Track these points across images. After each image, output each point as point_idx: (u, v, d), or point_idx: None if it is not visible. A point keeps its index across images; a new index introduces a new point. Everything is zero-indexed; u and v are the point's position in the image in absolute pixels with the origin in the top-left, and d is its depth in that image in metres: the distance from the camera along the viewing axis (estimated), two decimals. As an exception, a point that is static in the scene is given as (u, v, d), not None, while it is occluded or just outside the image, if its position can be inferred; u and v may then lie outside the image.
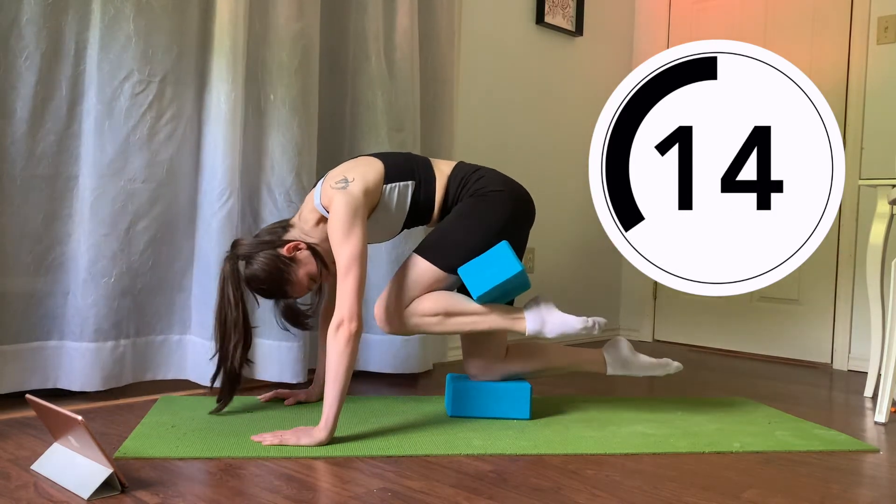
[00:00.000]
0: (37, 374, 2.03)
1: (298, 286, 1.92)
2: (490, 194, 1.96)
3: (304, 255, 1.91)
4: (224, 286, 1.88)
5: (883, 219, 2.58)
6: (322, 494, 1.43)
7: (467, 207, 1.96)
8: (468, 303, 1.93)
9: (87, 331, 2.03)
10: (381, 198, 1.93)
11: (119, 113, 2.03)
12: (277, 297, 1.95)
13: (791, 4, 3.41)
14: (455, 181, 2.00)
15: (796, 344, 3.37)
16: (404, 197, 1.96)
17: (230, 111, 2.17)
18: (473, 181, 1.99)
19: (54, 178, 2.02)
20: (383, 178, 1.93)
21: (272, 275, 1.88)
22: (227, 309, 1.87)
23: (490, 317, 1.93)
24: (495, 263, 1.88)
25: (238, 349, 1.88)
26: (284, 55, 2.28)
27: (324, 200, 1.89)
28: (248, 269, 1.88)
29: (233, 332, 1.88)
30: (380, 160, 1.97)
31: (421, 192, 1.98)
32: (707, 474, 1.63)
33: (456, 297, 1.95)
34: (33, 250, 2.00)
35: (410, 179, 1.97)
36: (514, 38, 3.29)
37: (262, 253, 1.88)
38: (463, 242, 1.92)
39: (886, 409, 2.17)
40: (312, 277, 1.93)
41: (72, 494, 1.37)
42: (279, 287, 1.90)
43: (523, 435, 1.88)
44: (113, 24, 2.01)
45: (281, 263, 1.88)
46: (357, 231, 1.81)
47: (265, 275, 1.88)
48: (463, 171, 2.02)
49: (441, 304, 1.92)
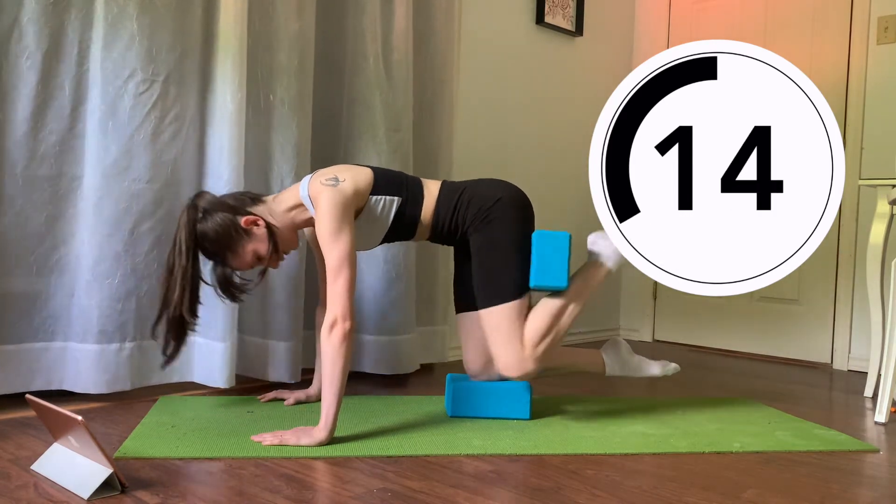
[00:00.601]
0: (41, 376, 2.02)
1: (241, 259, 1.90)
2: (491, 209, 1.98)
3: (260, 232, 1.90)
4: (178, 234, 1.86)
5: (883, 219, 2.58)
6: (322, 494, 1.43)
7: (482, 238, 1.98)
8: (556, 298, 1.98)
9: (90, 333, 2.02)
10: (365, 206, 1.93)
11: (123, 113, 2.02)
12: (216, 262, 1.91)
13: (791, 4, 3.41)
14: (445, 205, 2.00)
15: (796, 344, 3.37)
16: (388, 211, 1.96)
17: (236, 112, 2.16)
18: (466, 203, 1.99)
19: (58, 178, 2.01)
20: (371, 188, 1.93)
21: (220, 238, 1.86)
22: (178, 257, 1.84)
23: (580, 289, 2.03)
24: (548, 250, 1.95)
25: (184, 298, 1.84)
26: (283, 55, 2.28)
27: (311, 192, 1.89)
28: (200, 224, 1.86)
29: (178, 281, 1.83)
30: (370, 170, 1.97)
31: (406, 210, 1.98)
32: (707, 474, 1.63)
33: (543, 303, 1.99)
34: (36, 251, 2.00)
35: (398, 195, 1.97)
36: (514, 38, 3.29)
37: (221, 214, 1.87)
38: (505, 267, 1.96)
39: (886, 409, 2.17)
40: (259, 256, 1.91)
41: (72, 494, 1.37)
42: (222, 253, 1.88)
43: (523, 435, 1.88)
44: (116, 22, 2.00)
45: (234, 231, 1.87)
46: (346, 230, 1.82)
47: (214, 235, 1.86)
48: (450, 193, 2.02)
49: (544, 318, 1.96)
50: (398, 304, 2.53)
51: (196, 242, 1.86)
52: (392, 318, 2.53)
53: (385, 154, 2.49)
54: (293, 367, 2.32)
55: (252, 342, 2.31)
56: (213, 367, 2.17)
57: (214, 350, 2.17)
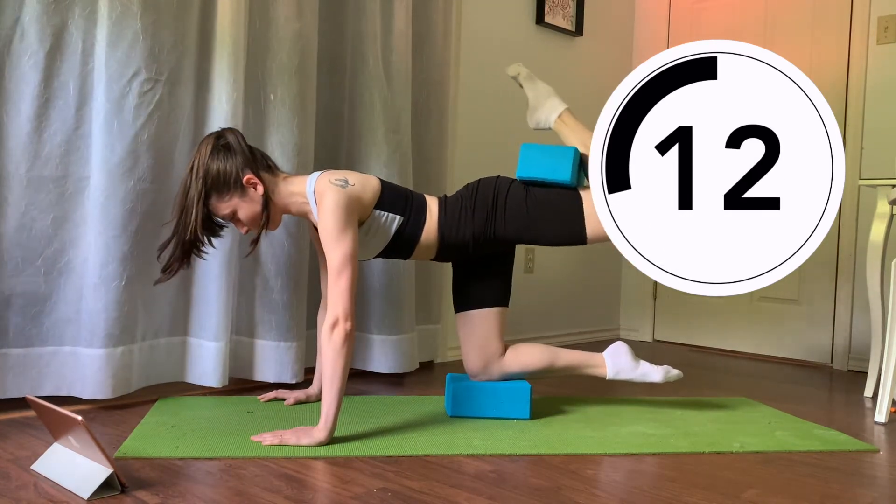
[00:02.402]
0: (50, 381, 2.00)
1: (220, 205, 1.89)
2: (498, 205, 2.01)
3: (255, 195, 1.89)
4: (196, 158, 1.86)
5: (883, 219, 2.58)
6: (322, 494, 1.44)
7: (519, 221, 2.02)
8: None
9: (97, 336, 2.00)
10: (368, 219, 1.93)
11: (128, 112, 2.00)
12: (199, 194, 1.87)
13: (791, 4, 3.41)
14: (450, 222, 2.01)
15: (796, 344, 3.37)
16: (389, 228, 1.96)
17: (231, 111, 2.16)
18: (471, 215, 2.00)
19: (63, 179, 2.00)
20: (377, 201, 1.94)
21: (217, 179, 1.85)
22: (195, 180, 1.84)
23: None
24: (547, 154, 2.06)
25: (198, 222, 1.84)
26: (284, 55, 2.28)
27: (318, 188, 1.88)
28: (211, 154, 1.86)
29: (195, 203, 1.84)
30: (380, 183, 1.98)
31: (406, 230, 1.98)
32: (707, 474, 1.63)
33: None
34: (44, 253, 1.98)
35: (400, 214, 1.97)
36: (514, 38, 3.29)
37: (234, 159, 1.87)
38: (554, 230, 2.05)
39: (886, 409, 2.17)
40: (236, 216, 1.91)
41: (72, 494, 1.37)
42: (208, 191, 1.86)
43: (523, 435, 1.88)
44: (120, 20, 1.99)
45: (230, 180, 1.86)
46: (350, 232, 1.82)
47: (215, 171, 1.85)
48: (452, 210, 2.02)
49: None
50: (399, 304, 2.53)
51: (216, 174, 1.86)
52: (392, 318, 2.53)
53: (385, 155, 2.49)
54: (295, 368, 2.31)
55: (253, 343, 2.31)
56: (206, 367, 2.17)
57: (208, 350, 2.17)
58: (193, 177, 1.86)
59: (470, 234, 2.01)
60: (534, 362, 2.10)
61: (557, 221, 2.01)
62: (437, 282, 2.79)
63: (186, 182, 1.87)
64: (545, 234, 2.03)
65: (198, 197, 1.84)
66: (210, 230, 1.93)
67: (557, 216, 2.01)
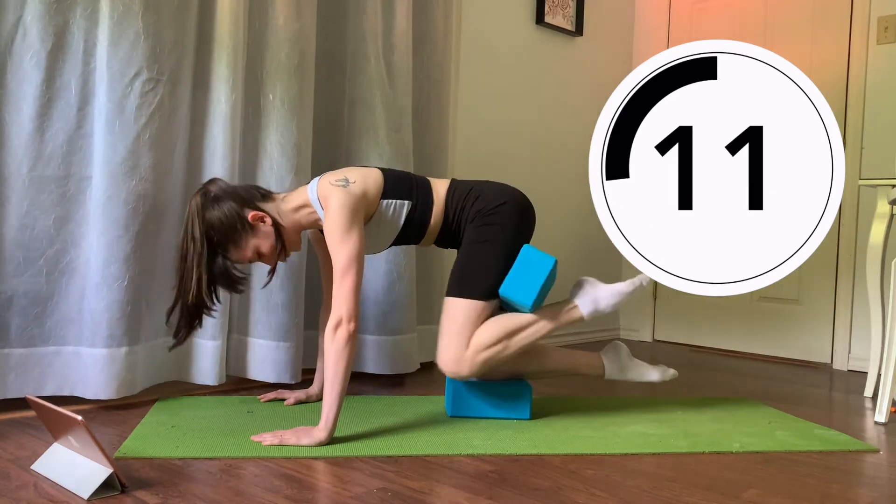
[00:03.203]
0: (52, 381, 2.00)
1: (241, 252, 1.88)
2: (494, 211, 1.97)
3: (266, 229, 1.89)
4: (188, 220, 1.84)
5: (883, 219, 2.58)
6: (322, 494, 1.44)
7: (476, 233, 1.97)
8: (520, 316, 1.95)
9: (100, 336, 2.00)
10: (376, 210, 1.93)
11: (130, 112, 2.00)
12: (214, 249, 1.87)
13: (791, 4, 3.41)
14: (452, 204, 2.00)
15: (796, 344, 3.37)
16: (399, 215, 1.96)
17: (230, 111, 2.16)
18: (472, 202, 1.99)
19: (65, 179, 1.99)
20: (382, 192, 1.93)
21: (224, 228, 1.83)
22: (191, 244, 1.82)
23: (545, 321, 1.97)
24: (529, 267, 1.91)
25: (202, 284, 1.82)
26: (283, 55, 2.27)
27: (321, 193, 1.88)
28: (207, 210, 1.84)
29: (194, 268, 1.82)
30: (381, 173, 1.97)
31: (416, 214, 1.98)
32: (707, 474, 1.63)
33: (504, 317, 1.96)
34: (46, 253, 1.98)
35: (408, 199, 1.97)
36: (514, 38, 3.29)
37: (228, 203, 1.84)
38: (487, 267, 1.95)
39: (886, 409, 2.17)
40: (260, 252, 1.90)
41: (72, 494, 1.37)
42: (223, 243, 1.85)
43: (523, 435, 1.88)
44: (122, 20, 1.99)
45: (239, 223, 1.85)
46: (356, 232, 1.81)
47: (219, 224, 1.83)
48: (459, 192, 2.02)
49: (498, 330, 1.93)
50: (400, 304, 2.53)
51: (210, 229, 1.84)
52: (394, 318, 2.53)
53: (386, 154, 2.49)
54: (293, 368, 2.32)
55: (252, 342, 2.31)
56: (204, 366, 2.17)
57: (205, 348, 2.17)
58: (190, 240, 1.82)
59: (463, 221, 2.00)
60: (533, 363, 2.10)
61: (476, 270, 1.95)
62: (437, 282, 2.79)
63: (183, 247, 1.84)
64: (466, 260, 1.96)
65: (197, 260, 1.82)
66: (230, 285, 1.90)
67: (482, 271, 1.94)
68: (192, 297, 1.82)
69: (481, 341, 1.92)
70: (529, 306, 1.93)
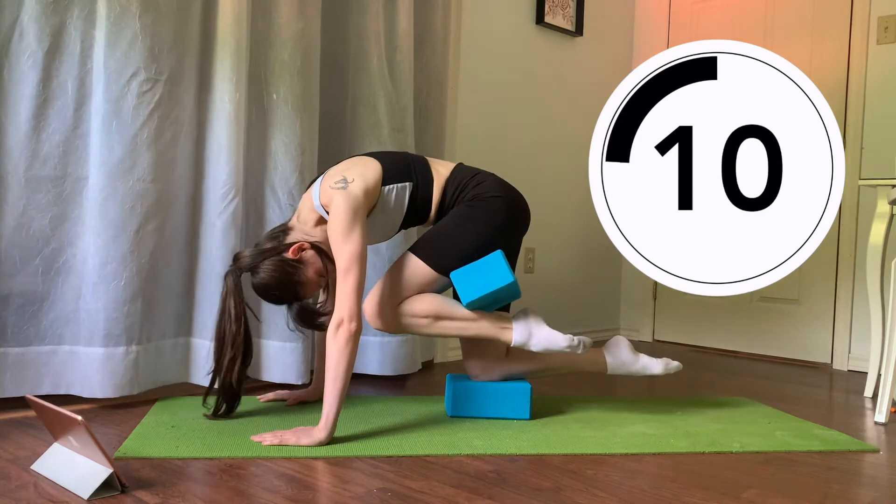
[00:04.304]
0: (48, 380, 2.00)
1: (310, 286, 1.92)
2: (488, 199, 1.96)
3: (310, 254, 1.91)
4: (226, 300, 1.87)
5: (883, 219, 2.58)
6: (322, 494, 1.43)
7: (464, 210, 1.96)
8: (459, 308, 1.94)
9: (97, 336, 2.00)
10: (379, 199, 1.93)
11: (127, 112, 2.00)
12: (290, 301, 1.94)
13: (791, 4, 3.41)
14: (453, 184, 2.00)
15: (796, 344, 3.37)
16: (402, 198, 1.96)
17: (234, 111, 2.16)
18: (472, 186, 1.99)
19: (62, 178, 2.00)
20: (382, 179, 1.93)
21: (282, 280, 1.87)
22: (227, 323, 1.86)
23: (479, 323, 1.94)
24: (488, 272, 1.89)
25: (236, 363, 1.87)
26: (286, 55, 2.27)
27: (323, 200, 1.89)
28: (255, 279, 1.88)
29: (230, 347, 1.86)
30: (377, 160, 1.96)
31: (418, 194, 1.98)
32: (707, 474, 1.63)
33: (447, 301, 1.95)
34: (42, 252, 1.98)
35: (408, 181, 1.97)
36: (514, 38, 3.29)
37: (268, 261, 1.88)
38: (457, 244, 1.93)
39: (886, 409, 2.17)
40: (321, 274, 1.93)
41: (72, 494, 1.37)
42: (291, 290, 1.90)
43: (523, 435, 1.88)
44: (119, 21, 1.99)
45: (289, 267, 1.88)
46: (357, 231, 1.81)
47: (275, 281, 1.87)
48: (461, 175, 2.02)
49: (432, 306, 1.92)
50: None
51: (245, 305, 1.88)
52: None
53: (390, 154, 2.49)
54: (301, 368, 2.31)
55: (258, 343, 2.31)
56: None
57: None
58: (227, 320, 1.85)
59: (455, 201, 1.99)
60: (534, 362, 2.10)
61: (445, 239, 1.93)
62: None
63: (221, 327, 1.86)
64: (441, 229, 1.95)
65: (233, 340, 1.85)
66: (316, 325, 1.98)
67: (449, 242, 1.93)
68: (226, 375, 1.87)
69: (413, 308, 1.91)
70: (464, 303, 1.91)
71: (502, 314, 1.99)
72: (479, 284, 1.88)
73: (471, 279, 1.89)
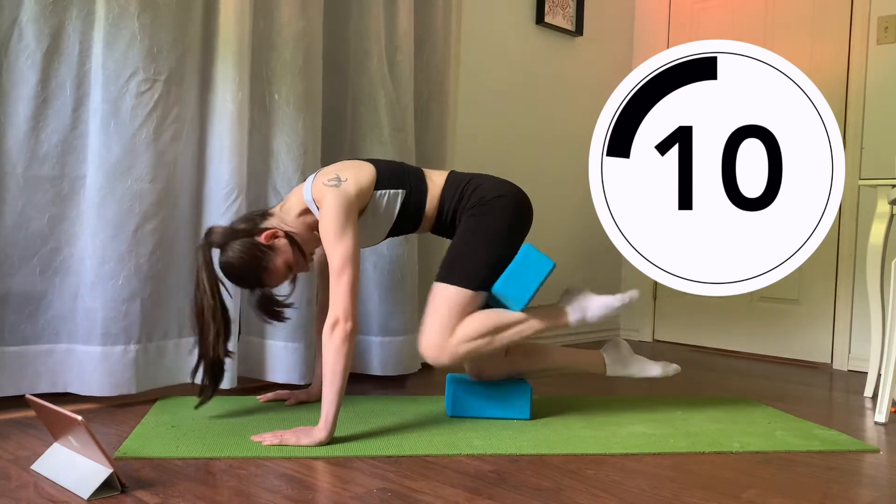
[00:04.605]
0: (45, 378, 2.00)
1: (275, 274, 1.89)
2: (492, 202, 1.96)
3: (282, 242, 1.89)
4: (199, 274, 1.84)
5: (883, 219, 2.58)
6: (322, 494, 1.43)
7: (473, 222, 1.95)
8: (508, 314, 1.93)
9: (95, 334, 2.00)
10: (370, 202, 1.93)
11: (125, 112, 2.01)
12: (253, 286, 1.91)
13: (791, 4, 3.41)
14: (451, 193, 1.99)
15: (796, 344, 3.37)
16: (393, 205, 1.96)
17: (237, 111, 2.16)
18: (470, 192, 1.98)
19: (60, 178, 2.00)
20: (374, 183, 1.93)
21: (249, 263, 1.84)
22: (204, 298, 1.83)
23: (534, 321, 1.94)
24: (527, 268, 1.90)
25: (220, 339, 1.85)
26: (288, 54, 2.27)
27: (315, 195, 1.89)
28: (223, 257, 1.85)
29: (211, 323, 1.83)
30: (372, 165, 1.97)
31: (410, 202, 1.97)
32: (707, 474, 1.63)
33: (494, 312, 1.93)
34: (40, 252, 1.99)
35: (401, 188, 1.96)
36: (514, 38, 3.29)
37: (239, 241, 1.85)
38: (480, 257, 1.92)
39: (886, 409, 2.17)
40: (289, 265, 1.91)
41: (72, 494, 1.37)
42: (255, 275, 1.87)
43: (523, 435, 1.88)
44: (117, 21, 1.99)
45: (258, 251, 1.85)
46: (350, 231, 1.81)
47: (241, 263, 1.84)
48: (457, 183, 2.01)
49: (486, 324, 1.90)
50: (403, 305, 2.53)
51: (218, 279, 1.85)
52: (397, 319, 2.53)
53: (390, 154, 2.49)
54: (303, 369, 2.31)
55: (262, 343, 2.31)
56: None
57: None
58: (203, 294, 1.83)
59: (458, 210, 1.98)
60: (534, 362, 2.10)
61: (469, 259, 1.92)
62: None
63: (199, 303, 1.84)
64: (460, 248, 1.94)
65: (212, 314, 1.83)
66: (277, 316, 1.95)
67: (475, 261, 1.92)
68: (212, 351, 1.84)
69: (467, 333, 1.88)
70: (521, 307, 1.91)
71: (550, 305, 2.00)
72: (526, 284, 1.89)
73: (514, 284, 1.90)
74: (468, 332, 1.88)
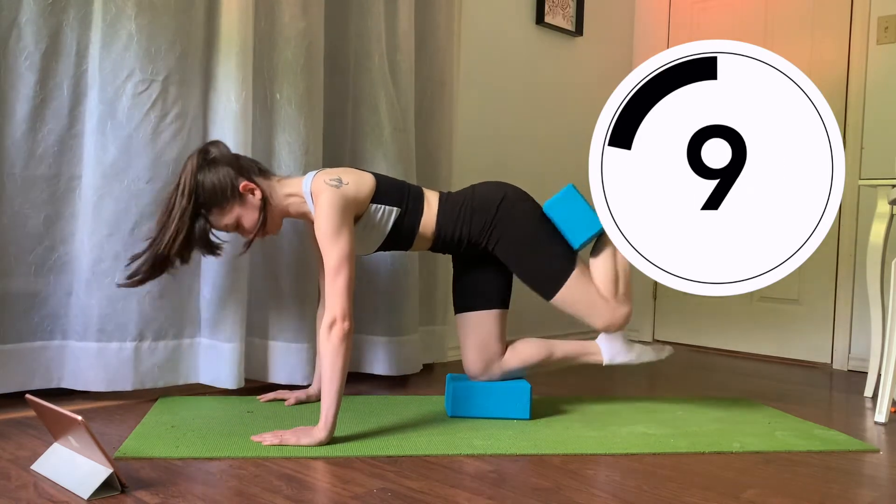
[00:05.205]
0: (39, 375, 2.01)
1: (223, 218, 1.90)
2: (498, 217, 2.00)
3: (254, 201, 1.90)
4: (182, 176, 1.87)
5: (883, 219, 2.58)
6: (322, 494, 1.44)
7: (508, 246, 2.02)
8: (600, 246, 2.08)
9: (90, 330, 2.02)
10: (364, 213, 1.94)
11: (122, 113, 2.01)
12: (198, 210, 1.88)
13: (791, 4, 3.41)
14: (448, 219, 2.01)
15: (796, 344, 3.37)
16: (386, 221, 1.97)
17: (241, 110, 2.15)
18: (469, 217, 2.01)
19: (56, 178, 2.01)
20: (372, 196, 1.94)
21: (214, 191, 1.86)
22: (179, 198, 1.85)
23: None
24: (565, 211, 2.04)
25: (178, 238, 1.85)
26: (289, 53, 2.27)
27: (314, 188, 1.89)
28: (202, 168, 1.87)
29: (175, 221, 1.84)
30: (374, 178, 1.98)
31: (405, 221, 1.99)
32: (707, 474, 1.63)
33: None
34: (35, 251, 2.00)
35: (397, 206, 1.98)
36: (514, 38, 3.29)
37: (226, 169, 1.88)
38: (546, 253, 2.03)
39: (886, 409, 2.17)
40: (240, 223, 1.92)
41: (72, 494, 1.37)
42: (209, 205, 1.88)
43: (523, 435, 1.88)
44: (114, 23, 2.00)
45: (230, 191, 1.87)
46: (346, 231, 1.82)
47: (210, 186, 1.86)
48: (452, 208, 2.03)
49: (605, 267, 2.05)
50: (404, 305, 2.53)
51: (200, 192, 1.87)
52: (398, 319, 2.53)
53: (391, 154, 2.48)
54: (306, 369, 2.30)
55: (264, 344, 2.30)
56: (221, 369, 2.16)
57: (222, 351, 2.16)
58: (179, 195, 1.85)
59: (466, 234, 2.01)
60: (531, 356, 2.10)
61: (544, 265, 2.02)
62: (441, 282, 2.78)
63: (171, 200, 1.86)
64: (526, 268, 2.04)
65: (180, 214, 1.84)
66: (207, 247, 1.94)
67: (548, 260, 2.02)
68: (164, 247, 1.85)
69: (608, 285, 2.03)
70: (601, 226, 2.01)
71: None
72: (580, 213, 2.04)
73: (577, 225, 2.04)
74: (609, 284, 2.05)
